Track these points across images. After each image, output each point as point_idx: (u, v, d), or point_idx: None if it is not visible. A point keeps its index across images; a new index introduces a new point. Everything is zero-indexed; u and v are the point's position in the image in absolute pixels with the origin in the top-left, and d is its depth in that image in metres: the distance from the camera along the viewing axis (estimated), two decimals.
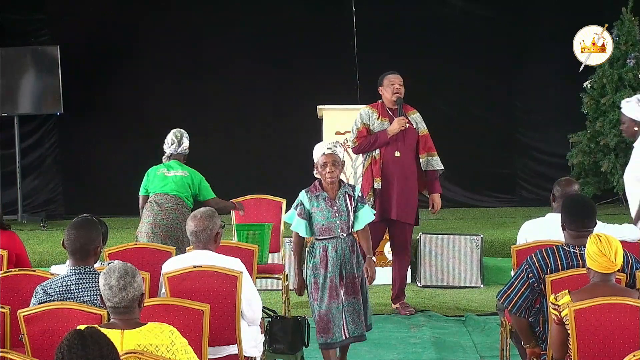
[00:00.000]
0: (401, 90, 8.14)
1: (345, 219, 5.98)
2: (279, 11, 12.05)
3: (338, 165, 5.90)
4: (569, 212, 5.06)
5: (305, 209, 6.00)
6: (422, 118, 8.21)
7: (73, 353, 3.26)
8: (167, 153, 8.00)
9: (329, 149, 5.92)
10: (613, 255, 4.49)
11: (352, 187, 6.05)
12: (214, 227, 5.38)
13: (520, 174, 12.28)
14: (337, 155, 5.91)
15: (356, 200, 6.01)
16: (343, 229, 5.98)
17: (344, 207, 5.97)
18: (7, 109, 11.46)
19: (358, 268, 6.02)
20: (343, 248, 5.98)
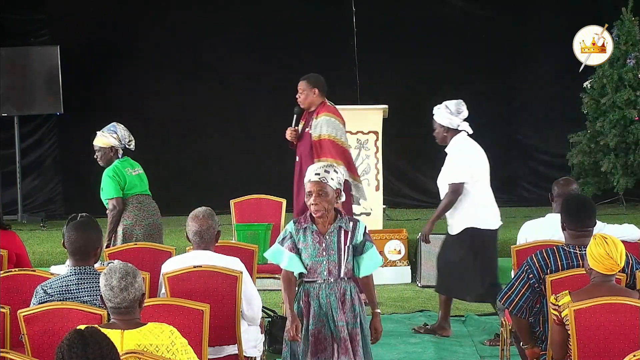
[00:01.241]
0: (300, 98, 8.00)
1: (334, 260, 4.85)
2: (279, 11, 12.05)
3: (326, 196, 4.80)
4: (569, 212, 5.06)
5: (294, 240, 4.91)
6: (329, 122, 7.83)
7: (73, 353, 3.26)
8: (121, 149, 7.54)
9: (316, 175, 4.85)
10: (619, 257, 4.50)
11: (353, 221, 4.94)
12: (215, 226, 5.39)
13: (520, 174, 12.28)
14: (325, 184, 4.81)
15: (362, 239, 4.92)
16: (331, 271, 4.85)
17: (334, 245, 4.86)
18: (7, 109, 11.46)
19: (354, 324, 4.92)
20: (328, 295, 4.85)
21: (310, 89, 7.99)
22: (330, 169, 4.87)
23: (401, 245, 9.16)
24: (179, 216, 11.07)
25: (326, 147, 7.77)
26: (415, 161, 12.15)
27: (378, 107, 9.53)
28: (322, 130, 7.80)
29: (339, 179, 4.86)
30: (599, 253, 4.50)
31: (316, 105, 7.94)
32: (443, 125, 7.25)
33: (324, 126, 7.81)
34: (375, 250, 4.95)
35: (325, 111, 7.89)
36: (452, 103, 7.25)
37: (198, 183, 11.97)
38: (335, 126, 7.83)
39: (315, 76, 8.14)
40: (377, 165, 9.53)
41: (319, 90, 7.98)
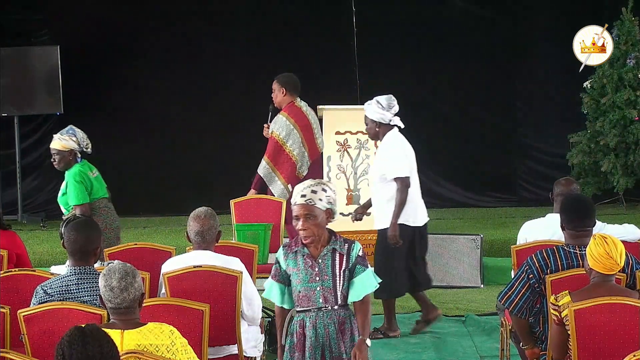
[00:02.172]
0: (273, 97, 8.51)
1: (329, 285, 4.41)
2: (279, 11, 12.05)
3: (315, 219, 4.34)
4: (568, 212, 5.07)
5: (282, 269, 4.49)
6: (279, 121, 8.38)
7: (73, 349, 3.26)
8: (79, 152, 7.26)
9: (302, 197, 4.38)
10: (618, 257, 4.50)
11: (348, 242, 4.46)
12: (217, 226, 5.40)
13: (520, 174, 12.28)
14: (312, 206, 4.34)
15: (353, 262, 4.43)
16: (327, 298, 4.42)
17: (329, 270, 4.41)
18: (7, 109, 11.46)
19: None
20: (327, 325, 4.44)
21: (279, 89, 8.46)
22: (317, 188, 4.37)
23: None
24: (178, 216, 11.09)
25: (269, 143, 8.37)
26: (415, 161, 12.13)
27: None
28: (273, 128, 8.39)
29: (330, 198, 4.38)
30: (599, 253, 4.50)
31: (285, 104, 8.43)
32: (375, 121, 7.21)
33: (275, 124, 8.38)
34: (369, 274, 4.44)
35: (285, 111, 8.39)
36: (383, 98, 7.21)
37: (198, 183, 11.97)
38: (282, 125, 8.33)
39: (286, 76, 8.51)
40: None
41: (286, 90, 8.43)
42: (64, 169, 7.22)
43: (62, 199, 7.22)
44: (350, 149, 9.49)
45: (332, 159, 9.49)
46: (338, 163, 9.49)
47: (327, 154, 9.53)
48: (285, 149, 8.29)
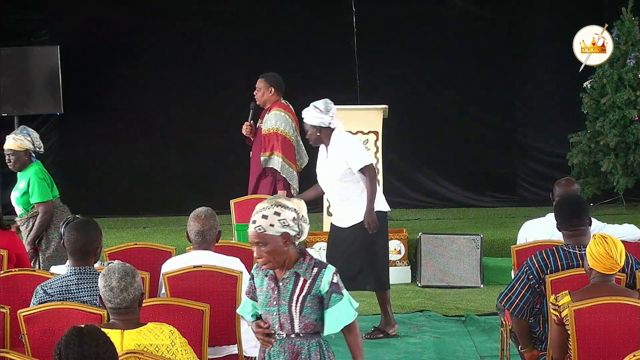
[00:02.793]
0: (257, 95, 8.52)
1: (285, 311, 4.01)
2: (278, 11, 12.05)
3: (267, 246, 3.96)
4: (560, 212, 5.12)
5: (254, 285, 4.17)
6: (277, 116, 8.35)
7: (70, 349, 3.27)
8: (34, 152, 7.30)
9: (253, 224, 3.98)
10: (618, 256, 4.50)
11: (318, 267, 4.03)
12: (217, 226, 5.40)
13: (520, 174, 12.28)
14: (263, 234, 3.94)
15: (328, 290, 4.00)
16: (283, 325, 4.03)
17: (287, 294, 4.01)
18: (7, 109, 11.45)
19: None
20: (277, 354, 4.09)
21: (267, 88, 8.49)
22: (269, 212, 3.94)
23: (401, 245, 9.16)
24: (178, 216, 11.09)
25: (272, 139, 8.32)
26: (415, 161, 12.15)
27: (378, 107, 9.53)
28: (270, 124, 8.36)
29: (284, 221, 3.94)
30: (599, 252, 4.51)
31: (271, 102, 8.46)
32: (315, 126, 7.18)
33: (272, 119, 8.36)
34: (345, 303, 4.01)
35: (277, 107, 8.41)
36: (320, 102, 7.22)
37: (198, 183, 11.97)
38: (283, 119, 8.36)
39: (273, 75, 8.58)
40: (377, 165, 9.52)
41: (274, 90, 8.49)
42: (19, 169, 7.20)
43: (22, 199, 7.15)
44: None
45: None
46: None
47: None
48: (291, 140, 8.38)
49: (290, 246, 4.00)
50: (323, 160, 7.27)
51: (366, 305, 8.36)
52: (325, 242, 9.08)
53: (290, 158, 8.38)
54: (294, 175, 8.45)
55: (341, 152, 7.14)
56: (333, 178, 7.20)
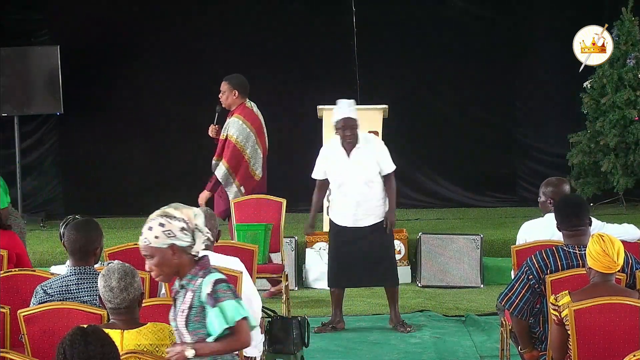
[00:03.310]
0: (222, 98, 8.51)
1: (175, 326, 3.88)
2: (279, 11, 12.04)
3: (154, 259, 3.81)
4: (561, 212, 5.12)
5: None
6: (234, 124, 8.36)
7: (75, 349, 3.27)
8: None
9: (141, 236, 3.85)
10: (615, 255, 4.50)
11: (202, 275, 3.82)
12: (217, 226, 5.42)
13: (520, 174, 12.27)
14: (148, 246, 3.81)
15: (204, 300, 3.78)
16: (182, 335, 3.86)
17: (178, 309, 3.87)
18: (7, 109, 11.45)
19: None
20: None
21: (231, 91, 8.45)
22: (155, 223, 3.78)
23: (401, 245, 9.16)
24: None
25: (225, 147, 8.36)
26: (415, 161, 12.15)
27: (378, 107, 9.53)
28: (228, 131, 8.37)
29: (170, 232, 3.76)
30: (596, 250, 4.52)
31: (235, 105, 8.43)
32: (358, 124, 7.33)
33: (230, 127, 8.36)
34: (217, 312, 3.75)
35: (238, 113, 8.39)
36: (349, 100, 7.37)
37: (198, 183, 11.92)
38: (239, 128, 8.34)
39: (237, 77, 8.56)
40: None
41: (238, 92, 8.44)
42: None
43: None
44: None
45: None
46: None
47: None
48: (244, 154, 8.37)
49: (185, 257, 3.79)
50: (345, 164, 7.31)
51: (366, 305, 8.37)
52: (325, 242, 9.13)
53: (234, 169, 8.36)
54: (233, 188, 8.40)
55: (375, 154, 7.34)
56: (361, 179, 7.31)
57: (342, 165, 7.33)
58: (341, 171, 7.34)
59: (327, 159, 7.41)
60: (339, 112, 7.33)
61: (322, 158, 7.46)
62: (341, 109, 7.35)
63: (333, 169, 7.38)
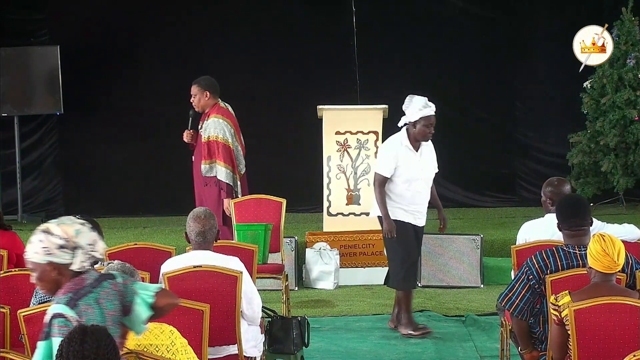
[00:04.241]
0: (194, 101, 8.45)
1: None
2: (279, 11, 12.04)
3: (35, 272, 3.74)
4: (563, 212, 5.10)
5: None
6: (215, 123, 8.29)
7: (71, 347, 3.27)
8: None
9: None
10: (616, 255, 4.49)
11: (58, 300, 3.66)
12: (216, 225, 5.41)
13: (520, 174, 12.28)
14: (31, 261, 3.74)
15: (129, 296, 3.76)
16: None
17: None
18: (7, 109, 11.46)
19: None
20: None
21: (202, 92, 8.43)
22: (35, 238, 3.70)
23: None
24: (179, 216, 11.07)
25: (213, 148, 8.28)
26: None
27: (378, 107, 9.53)
28: (210, 132, 8.30)
29: (47, 249, 3.67)
30: (596, 250, 4.52)
31: (209, 107, 8.40)
32: None
33: (210, 128, 8.30)
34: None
35: (215, 113, 8.35)
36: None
37: None
38: (221, 127, 8.29)
39: (206, 79, 8.56)
40: None
41: (210, 93, 8.42)
42: None
43: None
44: (350, 149, 9.49)
45: (332, 159, 9.50)
46: (338, 163, 9.49)
47: (327, 154, 9.53)
48: (230, 146, 8.34)
49: (65, 272, 3.70)
50: (416, 161, 7.35)
51: (366, 305, 8.37)
52: (325, 242, 9.14)
53: (232, 165, 8.34)
54: (237, 182, 8.40)
55: (433, 153, 7.57)
56: (428, 177, 7.47)
57: (414, 162, 7.32)
58: (414, 168, 7.32)
59: (398, 155, 7.30)
60: (424, 108, 7.35)
61: (393, 155, 7.30)
62: (422, 104, 7.34)
63: (405, 165, 7.30)
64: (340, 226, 9.41)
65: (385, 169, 7.28)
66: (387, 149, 7.38)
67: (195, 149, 8.51)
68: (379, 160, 7.42)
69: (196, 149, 8.50)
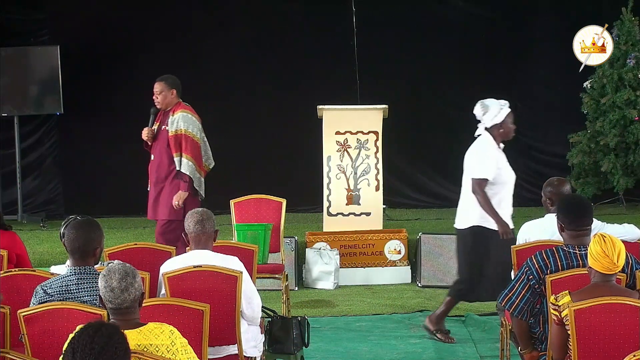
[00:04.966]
0: (158, 99, 8.42)
1: None
2: (279, 11, 12.05)
3: None
4: (566, 212, 5.08)
5: None
6: (185, 118, 8.26)
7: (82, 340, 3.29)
8: None
9: None
10: (616, 256, 4.49)
11: None
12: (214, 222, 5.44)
13: (520, 174, 12.23)
14: None
15: None
16: None
17: None
18: (7, 109, 11.46)
19: None
20: None
21: (169, 90, 8.42)
22: None
23: (401, 245, 9.16)
24: None
25: (183, 141, 8.22)
26: (415, 161, 12.15)
27: (378, 107, 9.54)
28: (179, 126, 8.26)
29: None
30: (597, 251, 4.51)
31: (173, 105, 8.39)
32: None
33: (180, 122, 8.27)
34: None
35: (182, 108, 8.36)
36: None
37: None
38: (191, 121, 8.30)
39: (172, 77, 8.53)
40: (377, 165, 9.54)
41: (176, 91, 8.43)
42: None
43: None
44: (350, 149, 9.49)
45: (332, 159, 9.50)
46: (338, 163, 9.49)
47: (327, 154, 9.54)
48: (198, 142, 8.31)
49: None
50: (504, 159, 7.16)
51: (366, 305, 8.37)
52: (325, 242, 9.14)
53: (198, 160, 8.28)
54: (201, 180, 8.32)
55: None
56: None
57: (506, 164, 7.14)
58: (508, 170, 7.13)
59: (497, 157, 7.13)
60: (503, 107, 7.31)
61: (493, 155, 7.14)
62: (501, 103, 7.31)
63: (504, 167, 7.10)
64: (340, 226, 9.41)
65: (487, 171, 7.03)
66: (484, 151, 7.19)
67: (155, 148, 8.42)
68: (477, 163, 7.13)
69: (156, 147, 8.40)
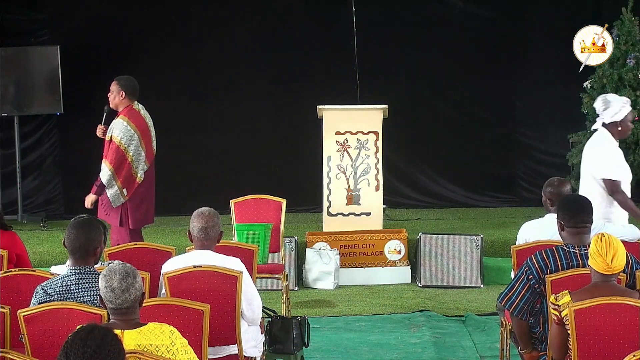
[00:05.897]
0: (110, 98, 8.40)
1: None
2: (279, 11, 12.04)
3: None
4: (566, 210, 5.09)
5: None
6: (118, 125, 8.16)
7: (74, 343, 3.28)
8: None
9: None
10: (610, 257, 4.48)
11: None
12: (220, 225, 5.42)
13: (520, 174, 12.28)
14: None
15: None
16: None
17: None
18: (7, 109, 11.46)
19: None
20: None
21: (119, 92, 8.40)
22: None
23: (401, 245, 9.17)
24: (179, 216, 11.11)
25: (110, 149, 8.13)
26: (415, 161, 12.15)
27: (378, 107, 9.55)
28: (112, 132, 8.18)
29: None
30: (593, 249, 4.53)
31: (123, 107, 8.33)
32: None
33: (114, 128, 8.19)
34: None
35: (123, 114, 8.26)
36: None
37: (198, 183, 11.97)
38: (123, 130, 8.16)
39: (127, 79, 8.50)
40: (377, 165, 9.54)
41: (126, 94, 8.36)
42: None
43: None
44: (350, 149, 9.49)
45: (332, 159, 9.50)
46: (338, 163, 9.49)
47: (327, 154, 9.54)
48: (127, 156, 8.16)
49: None
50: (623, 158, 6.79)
51: (366, 305, 8.37)
52: (325, 242, 9.14)
53: (118, 170, 8.14)
54: (119, 192, 8.17)
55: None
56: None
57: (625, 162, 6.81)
58: (627, 167, 6.77)
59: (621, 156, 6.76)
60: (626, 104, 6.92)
61: (618, 154, 6.76)
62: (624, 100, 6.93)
63: (625, 167, 6.76)
64: (340, 226, 9.41)
65: (618, 172, 6.61)
66: (609, 149, 6.75)
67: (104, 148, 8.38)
68: (607, 164, 6.65)
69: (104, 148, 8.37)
